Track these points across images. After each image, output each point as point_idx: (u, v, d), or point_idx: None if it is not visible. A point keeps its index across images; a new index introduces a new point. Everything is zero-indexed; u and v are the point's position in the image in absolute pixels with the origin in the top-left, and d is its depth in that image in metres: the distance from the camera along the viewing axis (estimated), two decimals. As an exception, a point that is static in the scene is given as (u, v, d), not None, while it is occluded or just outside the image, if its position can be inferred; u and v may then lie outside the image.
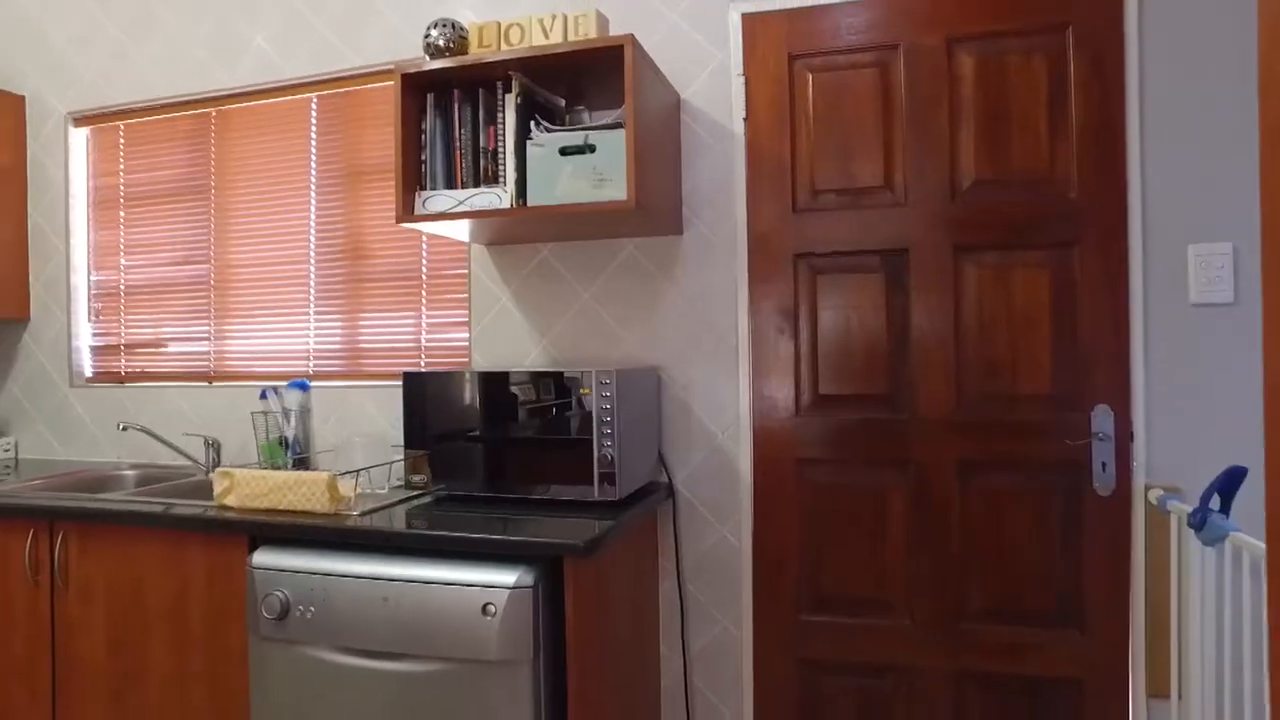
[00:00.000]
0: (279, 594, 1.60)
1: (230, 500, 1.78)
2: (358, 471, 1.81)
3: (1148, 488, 1.76)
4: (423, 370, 1.83)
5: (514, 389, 1.76)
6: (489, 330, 2.18)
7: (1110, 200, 1.79)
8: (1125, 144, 1.78)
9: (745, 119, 2.00)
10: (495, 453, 1.78)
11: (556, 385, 1.73)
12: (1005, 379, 1.84)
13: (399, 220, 1.81)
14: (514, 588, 1.46)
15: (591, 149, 1.69)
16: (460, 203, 1.79)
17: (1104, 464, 1.78)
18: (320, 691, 1.59)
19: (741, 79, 2.00)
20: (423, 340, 2.29)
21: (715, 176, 2.01)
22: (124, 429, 2.21)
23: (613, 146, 1.68)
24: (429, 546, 1.53)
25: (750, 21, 2.00)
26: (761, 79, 1.99)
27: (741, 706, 2.00)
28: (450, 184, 1.84)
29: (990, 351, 1.86)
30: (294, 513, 1.72)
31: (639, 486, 1.84)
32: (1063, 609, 1.82)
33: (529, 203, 1.74)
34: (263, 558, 1.65)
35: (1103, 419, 1.78)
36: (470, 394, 1.79)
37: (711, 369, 2.01)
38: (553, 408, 1.73)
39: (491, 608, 1.47)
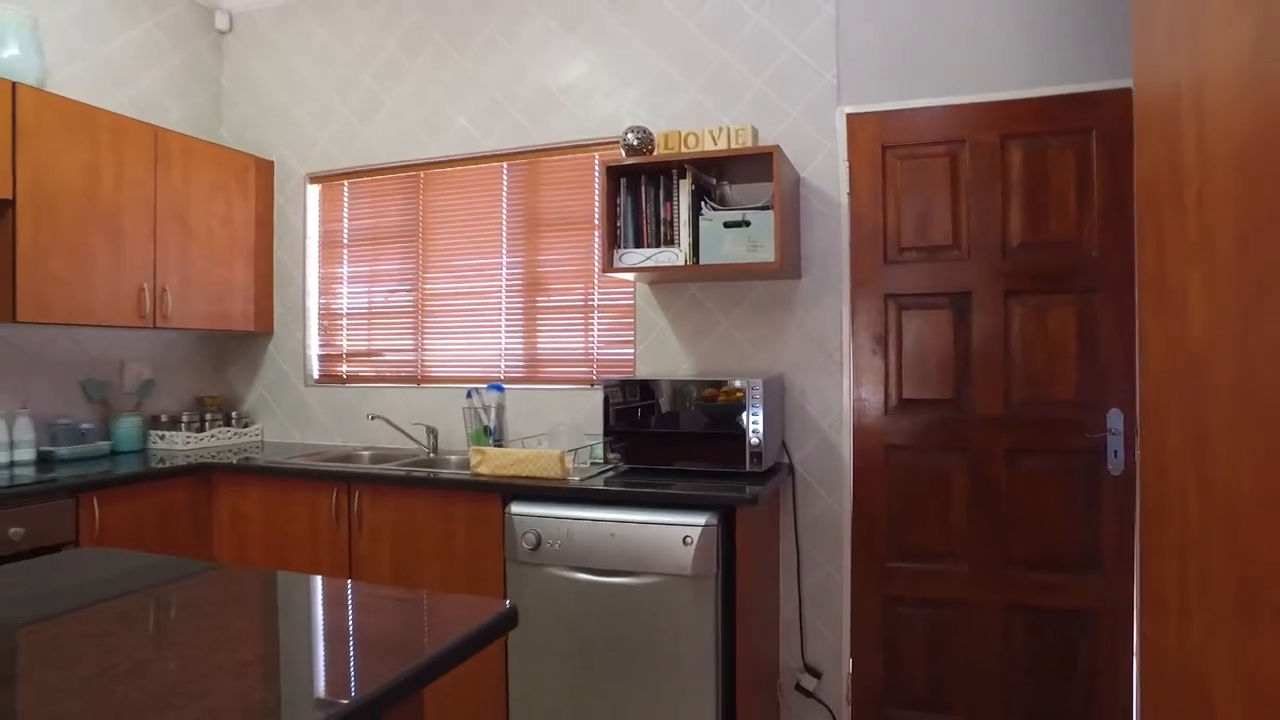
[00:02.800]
0: (533, 532, 2.38)
1: (483, 469, 2.57)
2: (575, 450, 2.59)
3: (1148, 469, 2.47)
4: (620, 378, 2.59)
5: (682, 391, 2.51)
6: (650, 348, 2.95)
7: (1122, 259, 2.50)
8: (1134, 217, 2.49)
9: (849, 193, 2.74)
10: (668, 436, 2.54)
11: (715, 388, 2.48)
12: (1042, 388, 2.56)
13: (604, 270, 2.59)
14: (705, 525, 2.22)
15: (747, 224, 2.45)
16: (648, 259, 2.56)
17: (1115, 452, 2.49)
18: (565, 599, 2.36)
19: (845, 163, 2.74)
20: (595, 354, 3.06)
21: (826, 236, 2.75)
22: (372, 419, 3.02)
23: (763, 222, 2.44)
24: (646, 500, 2.30)
25: (853, 120, 2.75)
26: (861, 163, 2.73)
27: (841, 631, 2.74)
28: (638, 244, 2.61)
29: (1031, 368, 2.57)
30: (532, 478, 2.49)
31: (771, 464, 2.59)
32: (1084, 558, 2.53)
33: (700, 261, 2.50)
34: (518, 508, 2.43)
35: (1115, 419, 2.49)
36: (649, 394, 2.56)
37: (822, 379, 2.75)
38: (712, 405, 2.48)
39: (689, 539, 2.23)
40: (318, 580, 1.38)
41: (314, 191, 3.54)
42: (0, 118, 2.51)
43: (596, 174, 3.05)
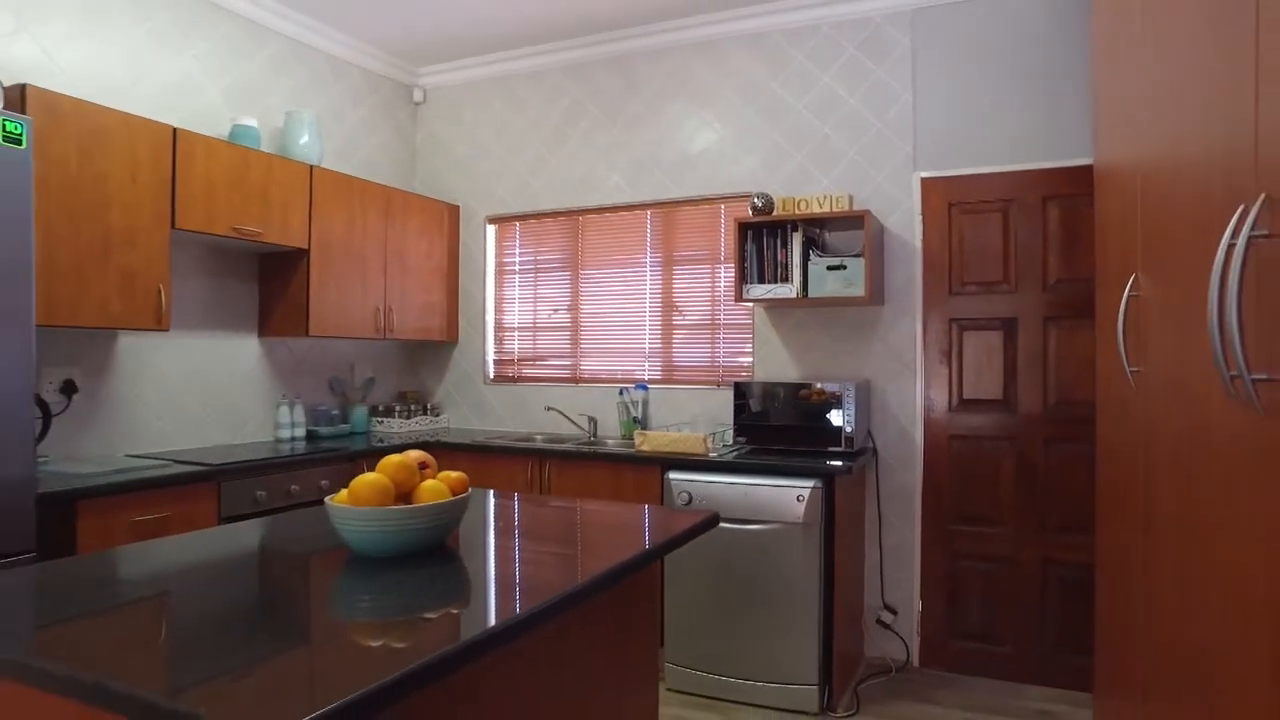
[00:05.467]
0: (687, 492, 3.44)
1: (645, 447, 3.65)
2: (712, 434, 3.65)
3: (1153, 455, 3.39)
4: (744, 381, 3.63)
5: (791, 391, 3.54)
6: (765, 358, 3.99)
7: (1136, 293, 3.42)
8: (1145, 262, 3.41)
9: (921, 240, 3.73)
10: (780, 425, 3.56)
11: (817, 389, 3.49)
12: (1072, 391, 3.50)
13: (736, 300, 3.64)
14: (812, 488, 3.24)
15: (844, 267, 3.47)
16: (769, 292, 3.60)
17: (1129, 441, 3.42)
18: (709, 540, 3.41)
19: (919, 217, 3.73)
20: (720, 362, 4.12)
21: (903, 273, 3.75)
22: (548, 410, 4.13)
23: (856, 265, 3.46)
24: (769, 469, 3.33)
25: (926, 182, 3.73)
26: (932, 217, 3.72)
27: (913, 581, 3.73)
28: (760, 280, 3.65)
29: (1064, 377, 3.52)
30: (684, 454, 3.55)
31: (860, 447, 3.59)
32: (1104, 523, 3.46)
33: (809, 295, 3.53)
34: (674, 475, 3.49)
35: (1128, 416, 3.42)
36: (766, 394, 3.59)
37: (899, 383, 3.75)
38: (815, 401, 3.50)
39: (801, 497, 3.25)
40: (591, 502, 2.46)
41: (491, 230, 4.69)
42: (302, 191, 3.71)
43: (723, 222, 4.11)
